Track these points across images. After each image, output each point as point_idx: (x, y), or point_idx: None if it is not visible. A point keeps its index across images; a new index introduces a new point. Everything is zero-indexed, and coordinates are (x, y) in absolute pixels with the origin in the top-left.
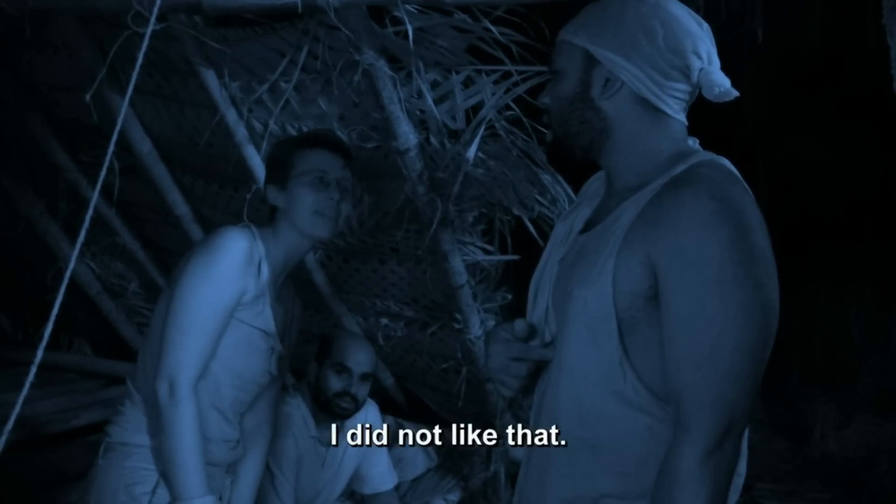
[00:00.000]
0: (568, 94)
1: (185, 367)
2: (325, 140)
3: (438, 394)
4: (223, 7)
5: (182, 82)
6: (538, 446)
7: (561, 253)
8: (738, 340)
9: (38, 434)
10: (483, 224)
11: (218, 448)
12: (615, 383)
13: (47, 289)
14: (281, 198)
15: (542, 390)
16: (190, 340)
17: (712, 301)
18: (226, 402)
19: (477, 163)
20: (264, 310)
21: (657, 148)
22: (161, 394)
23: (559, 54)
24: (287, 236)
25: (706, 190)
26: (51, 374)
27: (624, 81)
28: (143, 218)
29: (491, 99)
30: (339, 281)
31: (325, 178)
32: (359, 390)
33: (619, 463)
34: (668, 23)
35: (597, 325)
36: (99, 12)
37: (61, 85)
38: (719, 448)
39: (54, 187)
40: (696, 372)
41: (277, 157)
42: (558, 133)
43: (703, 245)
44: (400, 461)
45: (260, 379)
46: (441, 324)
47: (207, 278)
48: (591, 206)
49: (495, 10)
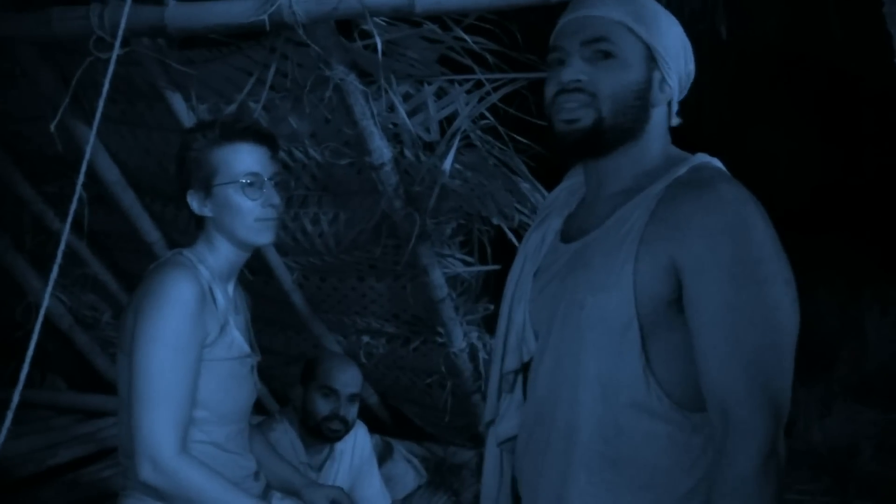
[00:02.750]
0: (633, 86)
1: (163, 441)
2: (245, 130)
3: (424, 409)
4: (188, 29)
5: (148, 107)
6: (546, 464)
7: (535, 265)
8: (780, 337)
9: (14, 476)
10: (462, 235)
11: (246, 486)
12: (638, 394)
13: (17, 324)
14: (208, 207)
15: (539, 410)
16: (161, 412)
17: (750, 300)
18: (231, 441)
19: (454, 174)
20: (234, 336)
21: (656, 153)
22: (146, 476)
23: (614, 36)
24: (226, 249)
25: (727, 192)
26: (24, 412)
27: (672, 90)
28: (113, 247)
29: (465, 109)
30: (318, 300)
31: (259, 180)
32: (347, 412)
33: (643, 476)
34: (688, 49)
35: (617, 334)
36: (58, 38)
37: (21, 115)
38: (775, 448)
39: (19, 220)
40: (745, 375)
41: (193, 159)
42: (610, 121)
43: (734, 246)
44: (390, 480)
45: (251, 401)
46: (423, 338)
47: (163, 340)
48: (561, 215)
49: (466, 18)
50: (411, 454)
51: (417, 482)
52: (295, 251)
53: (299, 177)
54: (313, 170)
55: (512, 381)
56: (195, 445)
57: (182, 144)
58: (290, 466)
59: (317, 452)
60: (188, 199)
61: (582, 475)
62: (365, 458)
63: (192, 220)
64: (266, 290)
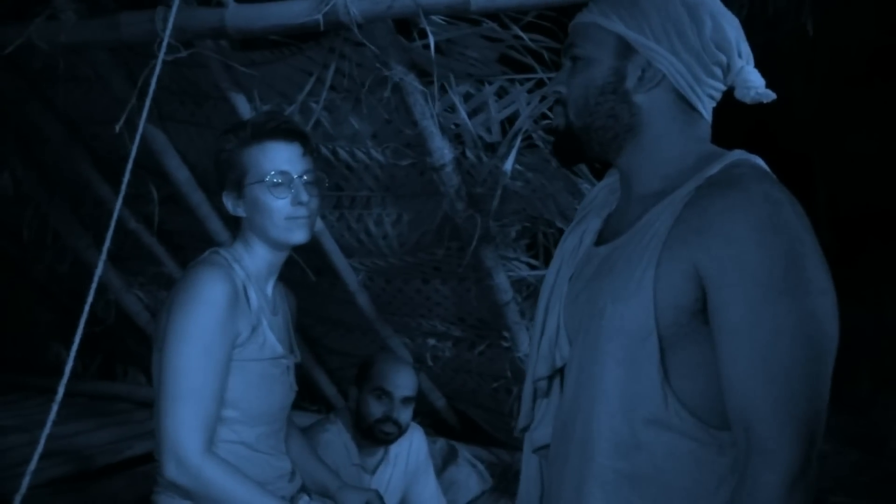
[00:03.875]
0: (596, 82)
1: (188, 440)
2: (275, 129)
3: (490, 413)
4: (246, 30)
5: (214, 108)
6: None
7: (571, 268)
8: (812, 351)
9: (91, 465)
10: (527, 238)
11: (276, 487)
12: (655, 409)
13: (98, 320)
14: (241, 207)
15: (564, 419)
16: (187, 410)
17: (779, 311)
18: (263, 441)
19: (515, 175)
20: (266, 337)
21: (685, 150)
22: (171, 475)
23: (583, 39)
24: (262, 249)
25: (757, 191)
26: (106, 404)
27: (665, 75)
28: (186, 246)
29: (526, 109)
30: (383, 302)
31: (287, 178)
32: (401, 415)
33: (662, 495)
34: (716, 15)
35: (635, 345)
36: (125, 43)
37: (98, 118)
38: (805, 472)
39: (99, 220)
40: (770, 391)
41: (225, 160)
42: (577, 124)
43: (762, 251)
44: (453, 485)
45: (286, 402)
46: (489, 342)
47: (192, 338)
48: (600, 216)
49: (525, 16)
50: (478, 459)
51: (481, 487)
52: (360, 252)
53: (362, 178)
54: (376, 171)
55: (546, 387)
56: (225, 445)
57: (217, 146)
58: (329, 469)
59: (370, 455)
60: (223, 199)
61: (597, 491)
62: (420, 462)
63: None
64: (332, 292)
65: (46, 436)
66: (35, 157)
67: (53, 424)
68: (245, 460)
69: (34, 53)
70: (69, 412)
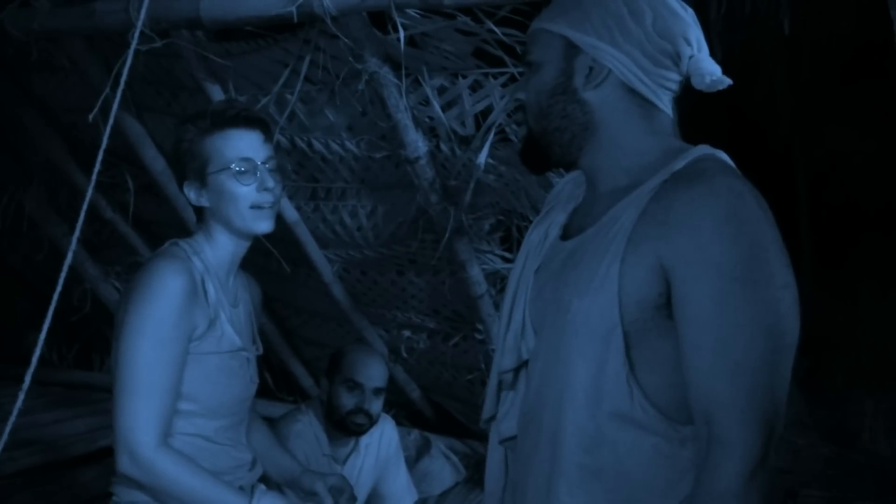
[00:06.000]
0: (547, 85)
1: (141, 434)
2: (235, 116)
3: (465, 405)
4: (221, 20)
5: (190, 98)
6: (532, 469)
7: (537, 261)
8: (773, 343)
9: (65, 455)
10: (501, 231)
11: (235, 477)
12: (620, 403)
13: (75, 309)
14: (205, 197)
15: (528, 412)
16: (140, 404)
17: (742, 304)
18: (222, 433)
19: (489, 169)
20: (224, 330)
21: (647, 143)
22: (124, 468)
23: (534, 45)
24: (225, 239)
25: (722, 184)
26: (82, 393)
27: (611, 70)
28: (162, 235)
29: (500, 103)
30: (358, 293)
31: (251, 165)
32: (372, 406)
33: (626, 489)
34: (656, 5)
35: (600, 339)
36: (101, 32)
37: (74, 107)
38: (762, 465)
39: (75, 209)
40: (731, 382)
41: (186, 150)
42: (535, 129)
43: (726, 243)
44: (427, 476)
45: (246, 395)
46: (463, 334)
47: (147, 332)
48: (566, 210)
49: (499, 10)
50: (452, 450)
51: (455, 479)
52: (335, 244)
53: (337, 169)
54: (351, 163)
55: (511, 379)
56: (182, 437)
57: (176, 136)
58: (291, 457)
59: (341, 446)
60: (185, 190)
61: (562, 485)
62: (391, 452)
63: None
64: (308, 283)
65: (13, 425)
66: (10, 145)
67: (30, 413)
68: (203, 451)
69: (8, 41)
70: (45, 401)
